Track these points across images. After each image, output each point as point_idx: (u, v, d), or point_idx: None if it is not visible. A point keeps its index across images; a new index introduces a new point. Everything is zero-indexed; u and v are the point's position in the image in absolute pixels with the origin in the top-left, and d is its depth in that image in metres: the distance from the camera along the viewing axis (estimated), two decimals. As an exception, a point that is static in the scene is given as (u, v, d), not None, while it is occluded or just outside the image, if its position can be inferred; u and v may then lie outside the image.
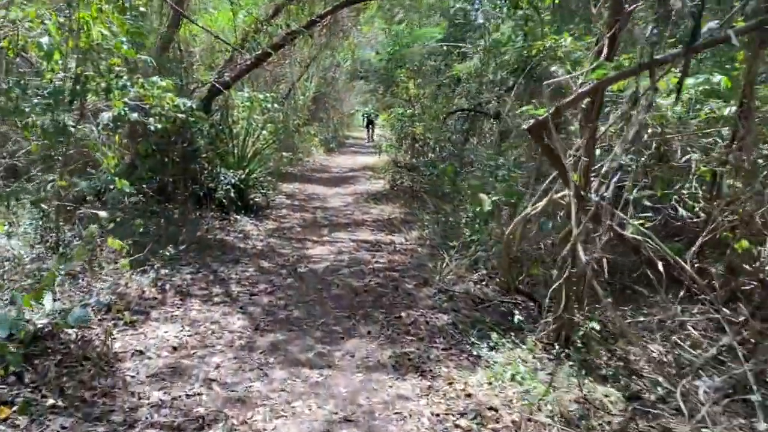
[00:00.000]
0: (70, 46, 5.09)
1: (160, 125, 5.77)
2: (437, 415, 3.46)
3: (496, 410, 3.50)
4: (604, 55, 3.44)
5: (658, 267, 3.73)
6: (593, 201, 3.23)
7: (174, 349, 4.18)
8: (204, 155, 8.21)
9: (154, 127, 5.75)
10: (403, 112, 12.09)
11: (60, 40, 4.94)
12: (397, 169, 12.59)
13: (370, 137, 24.99)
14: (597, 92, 3.52)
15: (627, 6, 3.47)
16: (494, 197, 5.55)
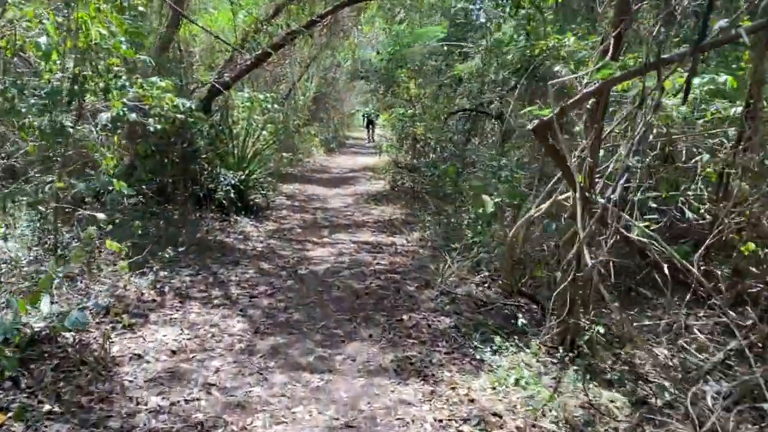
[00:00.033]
0: (68, 46, 5.04)
1: (159, 126, 5.71)
2: (440, 421, 3.40)
3: (500, 416, 3.44)
4: (609, 54, 3.39)
5: (664, 269, 3.68)
6: (600, 203, 3.17)
7: (173, 352, 4.13)
8: (204, 156, 8.15)
9: (154, 128, 5.70)
10: (404, 113, 12.03)
11: (58, 39, 4.89)
12: (398, 170, 12.53)
13: (371, 137, 24.95)
14: (602, 92, 3.46)
15: (633, 5, 3.41)
16: (497, 199, 5.49)
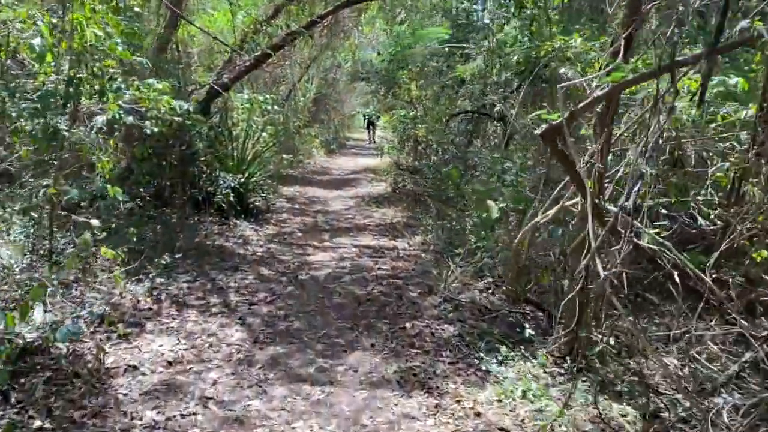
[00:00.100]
0: (63, 48, 4.93)
1: (156, 129, 5.59)
2: (445, 436, 3.29)
3: (507, 431, 3.33)
4: (620, 56, 3.27)
5: (675, 277, 3.56)
6: (611, 211, 3.05)
7: (169, 363, 4.01)
8: (202, 158, 8.02)
9: (150, 131, 5.58)
10: (406, 114, 11.91)
11: (53, 41, 4.78)
12: (399, 172, 12.41)
13: (372, 139, 24.87)
14: (613, 96, 3.34)
15: (645, 5, 3.30)
16: (502, 204, 5.37)
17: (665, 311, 5.21)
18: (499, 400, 3.64)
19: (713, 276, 3.90)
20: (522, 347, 4.39)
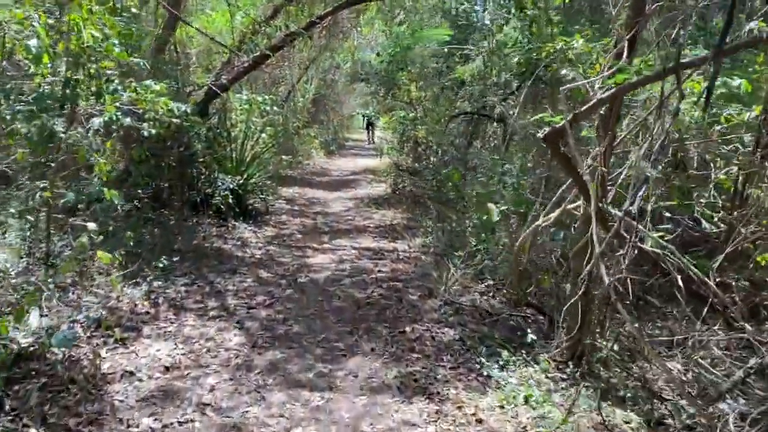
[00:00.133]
0: (60, 49, 4.88)
1: (153, 131, 5.54)
2: (447, 444, 3.24)
3: (509, 438, 3.28)
4: (624, 57, 3.22)
5: (679, 281, 3.51)
6: (616, 215, 3.01)
7: (166, 369, 3.96)
8: (201, 160, 7.96)
9: (148, 133, 5.52)
10: (405, 115, 11.84)
11: (49, 42, 4.72)
12: (399, 173, 12.35)
13: (371, 139, 24.84)
14: (617, 98, 3.29)
15: (648, 6, 3.25)
16: (502, 207, 5.32)
17: (667, 314, 5.17)
18: (501, 407, 3.59)
19: (717, 280, 3.86)
20: (523, 352, 4.34)
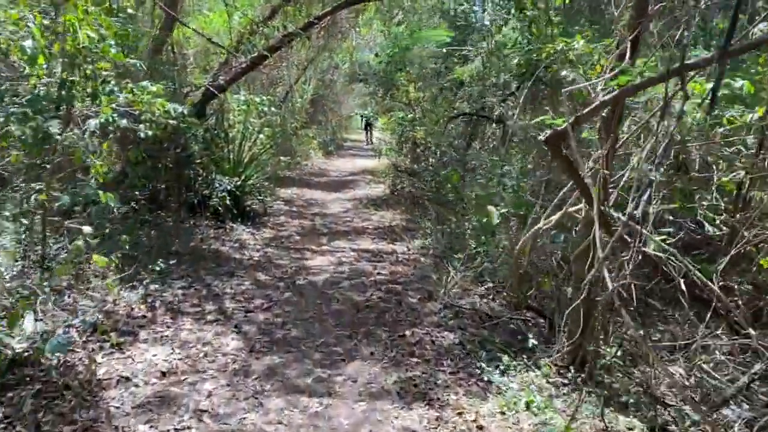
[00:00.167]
0: (56, 50, 4.83)
1: (150, 132, 5.48)
2: (447, 451, 3.20)
3: (511, 445, 3.24)
4: (627, 59, 3.17)
5: (681, 286, 3.46)
6: (620, 219, 2.96)
7: (163, 374, 3.90)
8: (198, 161, 7.90)
9: (144, 134, 5.47)
10: (404, 116, 11.79)
11: (45, 43, 4.67)
12: (398, 174, 12.31)
13: (369, 140, 24.82)
14: (620, 100, 3.25)
15: (651, 7, 3.20)
16: (502, 209, 5.27)
17: (668, 317, 5.13)
18: (502, 413, 3.54)
19: (720, 283, 3.82)
20: (524, 356, 4.29)
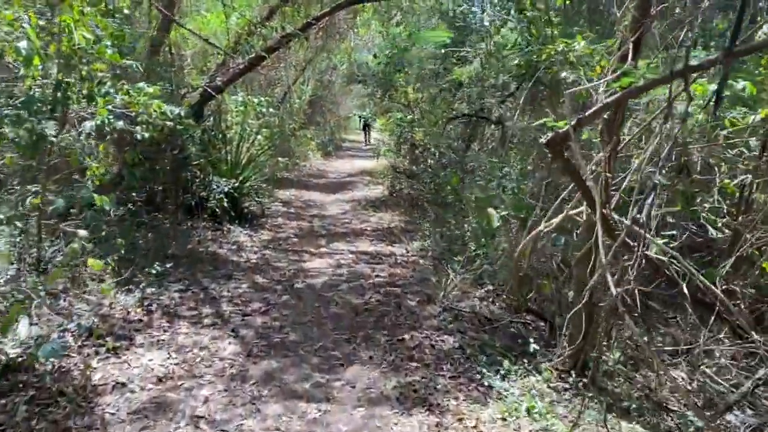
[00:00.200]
0: (51, 51, 4.77)
1: (147, 134, 5.43)
2: (448, 458, 3.15)
3: (512, 452, 3.19)
4: (629, 60, 3.13)
5: (683, 289, 3.42)
6: (623, 224, 2.91)
7: (159, 380, 3.85)
8: (195, 163, 7.85)
9: (141, 136, 5.42)
10: (402, 118, 11.75)
11: (40, 44, 4.62)
12: (396, 175, 12.26)
13: (367, 140, 24.80)
14: (622, 102, 3.21)
15: (654, 8, 3.16)
16: (503, 212, 5.22)
17: (669, 319, 5.09)
18: (503, 419, 3.50)
19: (723, 287, 3.78)
20: (525, 360, 4.25)
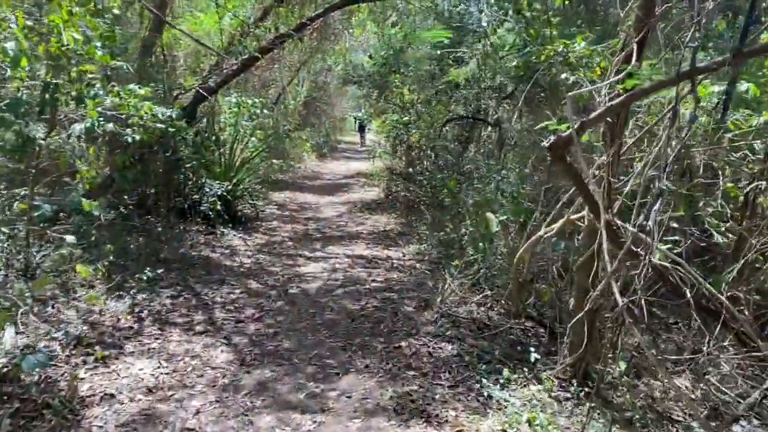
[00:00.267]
0: (40, 51, 4.66)
1: (137, 136, 5.32)
2: (447, 473, 3.05)
3: (513, 466, 3.09)
4: (633, 61, 3.04)
5: (687, 296, 3.33)
6: (629, 231, 2.82)
7: (149, 390, 3.73)
8: (188, 165, 7.71)
9: (132, 138, 5.30)
10: (399, 119, 11.65)
11: (28, 45, 4.50)
12: (392, 177, 12.16)
13: (363, 142, 24.73)
14: (626, 105, 3.12)
15: (658, 8, 3.07)
16: (502, 217, 5.13)
17: (671, 325, 5.00)
18: (504, 431, 3.40)
19: (728, 294, 3.69)
20: (525, 369, 4.15)
